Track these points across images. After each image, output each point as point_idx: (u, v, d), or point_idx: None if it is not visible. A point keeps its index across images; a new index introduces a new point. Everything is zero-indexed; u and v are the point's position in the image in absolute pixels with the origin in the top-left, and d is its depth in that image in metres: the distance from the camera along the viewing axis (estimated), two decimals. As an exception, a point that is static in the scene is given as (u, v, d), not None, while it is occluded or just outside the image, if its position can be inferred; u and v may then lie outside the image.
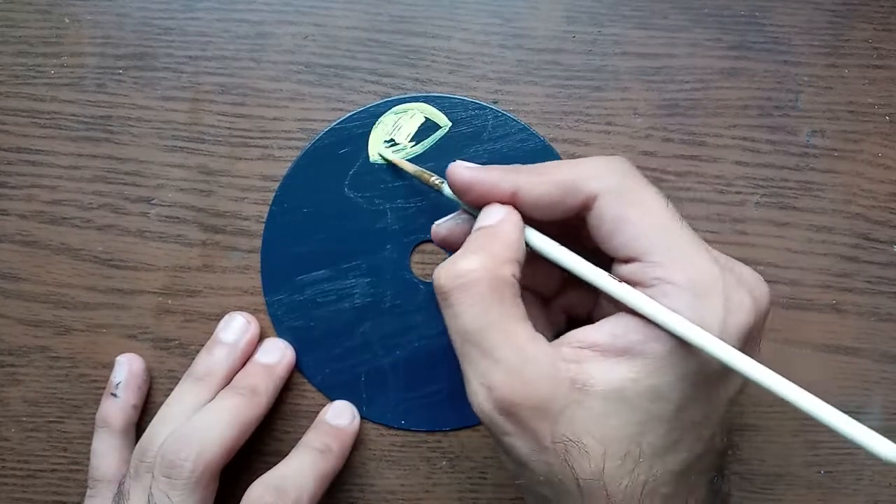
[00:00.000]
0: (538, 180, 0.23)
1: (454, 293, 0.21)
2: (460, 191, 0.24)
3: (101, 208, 0.31)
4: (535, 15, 0.32)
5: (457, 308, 0.21)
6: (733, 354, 0.19)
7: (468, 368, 0.21)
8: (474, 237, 0.22)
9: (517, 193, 0.23)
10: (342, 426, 0.30)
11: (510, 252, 0.22)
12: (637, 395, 0.20)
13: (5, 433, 0.31)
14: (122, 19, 0.32)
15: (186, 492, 0.25)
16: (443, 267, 0.22)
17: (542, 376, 0.20)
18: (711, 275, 0.21)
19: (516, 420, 0.20)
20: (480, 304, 0.21)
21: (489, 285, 0.21)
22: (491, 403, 0.20)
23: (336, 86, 0.32)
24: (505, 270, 0.21)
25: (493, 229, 0.22)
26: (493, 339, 0.20)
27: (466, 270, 0.21)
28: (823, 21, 0.32)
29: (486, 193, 0.23)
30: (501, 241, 0.22)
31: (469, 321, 0.21)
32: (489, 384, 0.20)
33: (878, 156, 0.32)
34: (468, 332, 0.21)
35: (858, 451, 0.31)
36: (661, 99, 0.32)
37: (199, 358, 0.30)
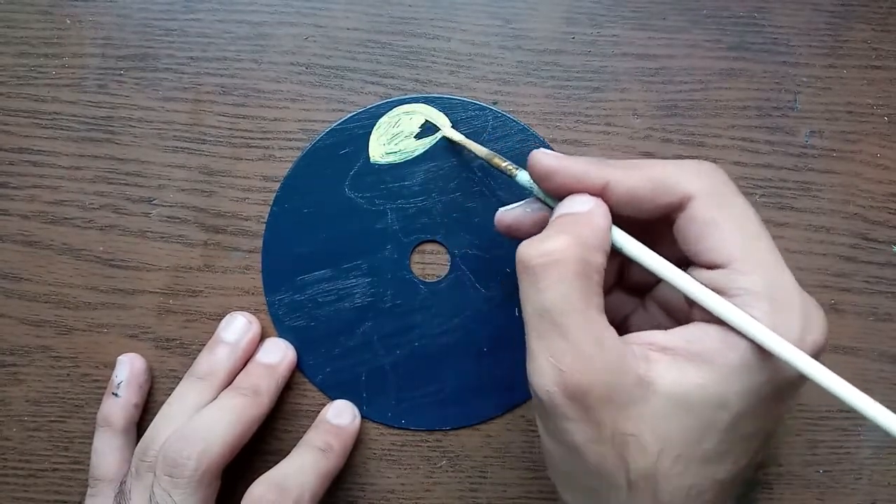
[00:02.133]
0: (630, 174, 0.22)
1: (542, 269, 0.20)
2: (543, 176, 0.23)
3: (103, 208, 0.31)
4: (535, 16, 0.32)
5: (541, 284, 0.20)
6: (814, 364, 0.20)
7: (539, 345, 0.21)
8: (562, 221, 0.22)
9: (607, 186, 0.22)
10: (343, 425, 0.30)
11: (599, 240, 0.21)
12: (701, 402, 0.20)
13: (7, 432, 0.31)
14: (124, 20, 0.32)
15: (188, 491, 0.25)
16: (528, 242, 0.21)
17: (614, 367, 0.20)
18: (794, 291, 0.21)
19: (581, 406, 0.20)
20: (567, 283, 0.20)
21: (578, 267, 0.20)
22: (559, 385, 0.20)
23: (337, 87, 0.32)
24: (594, 256, 0.21)
25: (583, 216, 0.22)
26: (573, 322, 0.20)
27: (556, 248, 0.21)
28: (822, 22, 0.33)
29: (574, 182, 0.22)
30: (591, 227, 0.21)
31: (551, 299, 0.20)
32: (561, 365, 0.20)
33: (876, 156, 0.32)
34: (549, 309, 0.20)
35: (858, 451, 0.32)
36: (661, 100, 0.32)
37: (200, 357, 0.30)
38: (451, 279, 0.31)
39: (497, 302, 0.31)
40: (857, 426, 0.32)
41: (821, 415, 0.32)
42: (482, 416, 0.31)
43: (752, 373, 0.20)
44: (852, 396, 0.19)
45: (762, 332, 0.20)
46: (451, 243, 0.31)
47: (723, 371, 0.20)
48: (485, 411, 0.31)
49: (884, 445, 0.32)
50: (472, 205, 0.31)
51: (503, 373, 0.31)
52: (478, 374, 0.31)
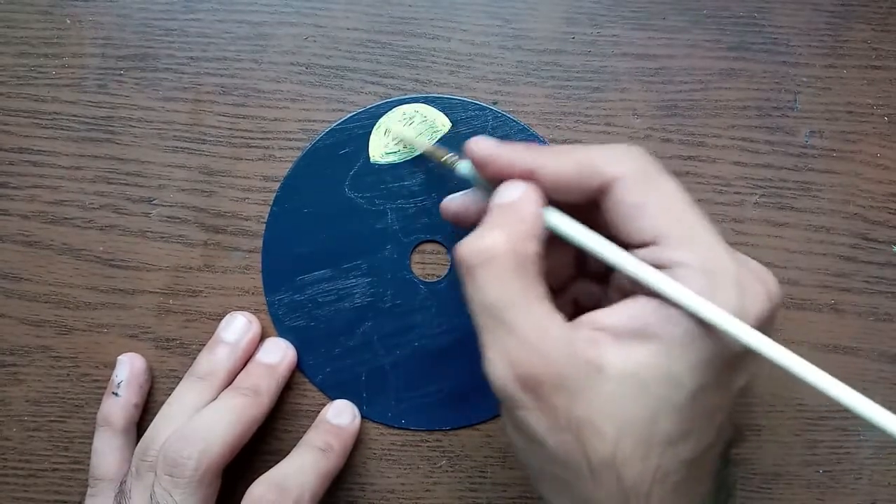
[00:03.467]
0: (558, 159, 0.23)
1: (478, 267, 0.21)
2: (480, 164, 0.24)
3: (103, 208, 0.32)
4: (535, 16, 0.32)
5: (480, 282, 0.21)
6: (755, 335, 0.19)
7: (488, 339, 0.21)
8: (495, 213, 0.22)
9: (536, 171, 0.23)
10: (343, 425, 0.30)
11: (532, 228, 0.22)
12: (653, 379, 0.20)
13: (7, 433, 0.31)
14: (124, 20, 0.32)
15: (189, 490, 0.25)
16: (465, 241, 0.21)
17: (562, 354, 0.20)
18: (727, 262, 0.21)
19: (535, 395, 0.20)
20: (504, 278, 0.21)
21: (513, 260, 0.21)
22: (511, 376, 0.20)
23: (337, 87, 0.32)
24: (528, 247, 0.21)
25: (514, 205, 0.22)
26: (515, 314, 0.20)
27: (490, 245, 0.21)
28: (822, 22, 0.33)
29: (506, 168, 0.23)
30: (522, 217, 0.22)
31: (492, 295, 0.21)
32: (510, 357, 0.20)
33: (876, 156, 0.32)
34: (490, 305, 0.21)
35: (858, 451, 0.32)
36: (660, 100, 0.32)
37: (200, 357, 0.30)
38: (451, 279, 0.31)
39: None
40: (856, 426, 0.32)
41: (820, 415, 0.32)
42: (482, 416, 0.31)
43: (700, 346, 0.20)
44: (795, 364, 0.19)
45: (696, 301, 0.20)
46: (451, 243, 0.31)
47: (669, 346, 0.20)
48: (485, 411, 0.31)
49: (884, 445, 0.32)
50: (472, 205, 0.31)
51: (503, 373, 0.31)
52: (478, 374, 0.31)
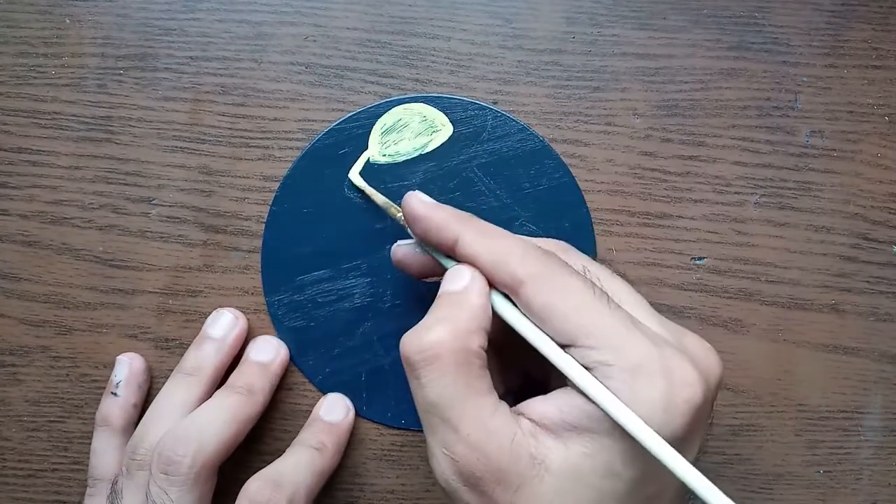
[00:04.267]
0: (477, 241, 0.23)
1: (420, 365, 0.21)
2: (409, 220, 0.24)
3: (102, 208, 0.31)
4: (535, 16, 0.32)
5: (423, 380, 0.21)
6: (660, 446, 0.19)
7: (432, 439, 0.21)
8: (440, 303, 0.22)
9: (456, 244, 0.23)
10: (336, 421, 0.30)
11: (477, 321, 0.22)
12: (591, 472, 0.20)
13: (6, 433, 0.31)
14: (123, 20, 0.32)
15: (185, 489, 0.25)
16: (409, 337, 0.22)
17: (504, 450, 0.20)
18: (647, 352, 0.20)
19: (479, 491, 0.21)
20: (446, 377, 0.21)
21: (455, 358, 0.21)
22: (454, 474, 0.21)
23: (336, 86, 0.32)
24: (472, 342, 0.21)
25: (459, 297, 0.22)
26: (457, 413, 0.21)
27: (433, 343, 0.21)
28: (822, 22, 0.32)
29: (431, 232, 0.24)
30: (467, 309, 0.22)
31: (434, 394, 0.21)
32: (453, 455, 0.21)
33: (877, 156, 0.32)
34: (433, 404, 0.21)
35: (858, 451, 0.32)
36: (661, 99, 0.32)
37: (187, 354, 0.30)
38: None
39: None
40: (857, 427, 0.31)
41: (821, 415, 0.32)
42: (482, 417, 0.31)
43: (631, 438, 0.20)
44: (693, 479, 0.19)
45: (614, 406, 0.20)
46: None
47: (603, 440, 0.20)
48: (485, 411, 0.31)
49: (884, 446, 0.32)
50: (472, 205, 0.31)
51: (503, 373, 0.31)
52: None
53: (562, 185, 0.31)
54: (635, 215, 0.32)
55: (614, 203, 0.32)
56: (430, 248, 0.25)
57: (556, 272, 0.22)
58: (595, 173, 0.32)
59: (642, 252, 0.32)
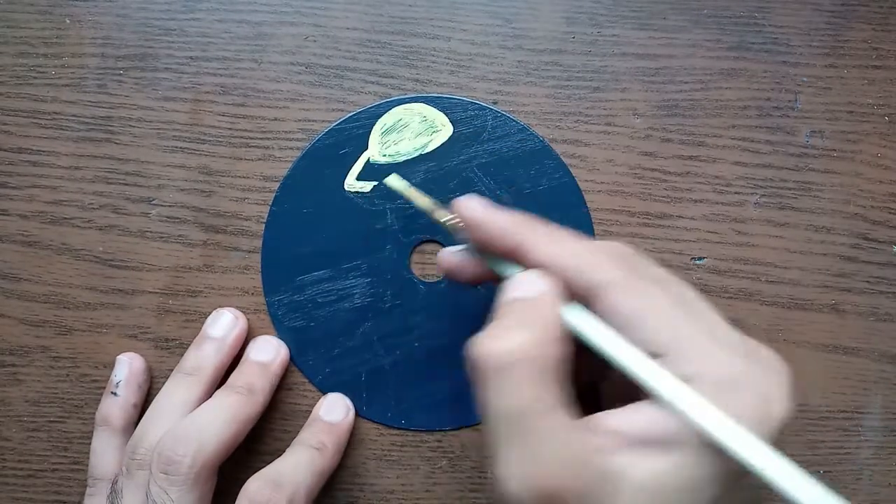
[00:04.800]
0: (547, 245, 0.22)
1: (496, 373, 0.20)
2: (467, 225, 0.23)
3: (102, 208, 0.31)
4: (535, 16, 0.32)
5: (500, 388, 0.20)
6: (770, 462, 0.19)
7: (503, 451, 0.20)
8: (514, 308, 0.21)
9: (519, 248, 0.22)
10: (336, 421, 0.30)
11: (556, 329, 0.21)
12: (673, 489, 0.19)
13: (6, 433, 0.31)
14: (123, 20, 0.32)
15: (185, 489, 0.25)
16: (483, 342, 0.20)
17: (583, 467, 0.19)
18: (736, 365, 0.20)
19: None
20: (524, 387, 0.19)
21: (536, 367, 0.20)
22: (529, 490, 0.19)
23: (336, 86, 0.32)
24: (554, 349, 0.20)
25: (535, 304, 0.21)
26: (534, 426, 0.19)
27: (513, 348, 0.20)
28: (822, 22, 0.32)
29: (493, 237, 0.23)
30: (546, 316, 0.21)
31: (511, 405, 0.19)
32: (529, 470, 0.19)
33: (877, 156, 0.32)
34: (509, 415, 0.20)
35: (859, 451, 0.32)
36: (661, 99, 0.32)
37: (187, 353, 0.30)
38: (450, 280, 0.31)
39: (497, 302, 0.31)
40: (857, 427, 0.31)
41: (821, 415, 0.32)
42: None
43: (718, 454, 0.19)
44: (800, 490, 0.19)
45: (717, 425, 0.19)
46: (451, 243, 0.31)
47: (690, 454, 0.19)
48: (485, 412, 0.31)
49: (884, 446, 0.32)
50: (472, 205, 0.31)
51: (503, 373, 0.31)
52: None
53: (562, 185, 0.31)
54: (635, 215, 0.32)
55: (614, 203, 0.32)
56: (485, 255, 0.24)
57: (639, 277, 0.21)
58: (595, 173, 0.32)
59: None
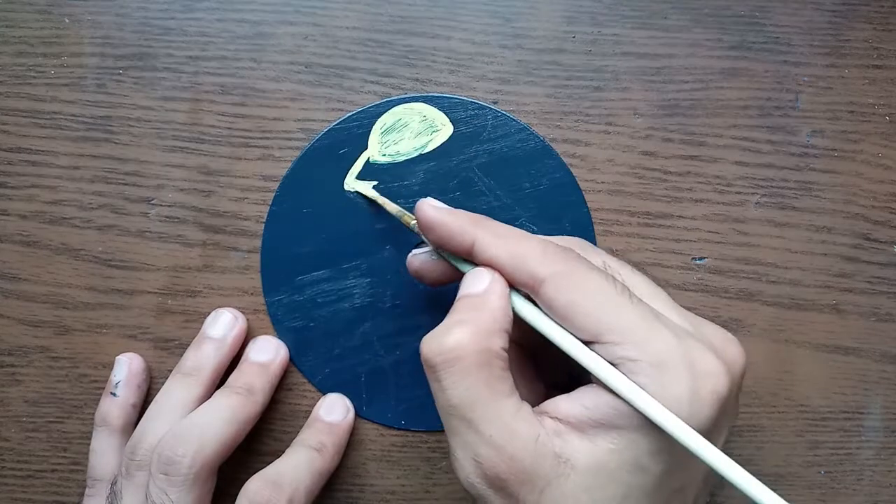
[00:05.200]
0: (494, 242, 0.23)
1: (441, 367, 0.21)
2: (424, 228, 0.24)
3: (102, 208, 0.31)
4: (535, 15, 0.32)
5: (444, 383, 0.21)
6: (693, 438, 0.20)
7: (455, 441, 0.21)
8: (461, 306, 0.22)
9: (473, 247, 0.23)
10: (336, 422, 0.30)
11: (497, 323, 0.22)
12: (618, 468, 0.20)
13: (5, 433, 0.31)
14: (122, 20, 0.32)
15: (184, 489, 0.25)
16: (430, 339, 0.21)
17: (529, 451, 0.20)
18: (671, 346, 0.20)
19: (505, 493, 0.20)
20: (468, 379, 0.21)
21: (477, 360, 0.21)
22: (479, 477, 0.21)
23: (336, 86, 0.32)
24: (493, 343, 0.21)
25: (480, 299, 0.22)
26: (480, 415, 0.21)
27: (454, 345, 0.21)
28: (823, 21, 0.32)
29: (447, 237, 0.23)
30: (488, 311, 0.22)
31: (456, 396, 0.21)
32: (477, 458, 0.21)
33: (878, 156, 0.32)
34: (455, 406, 0.21)
35: (859, 452, 0.32)
36: (661, 99, 0.32)
37: (187, 354, 0.30)
38: (450, 279, 0.31)
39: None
40: (858, 427, 0.31)
41: (822, 416, 0.31)
42: (482, 417, 0.31)
43: (659, 432, 0.20)
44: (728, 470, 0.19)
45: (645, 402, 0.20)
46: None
47: (630, 435, 0.20)
48: (485, 412, 0.31)
49: (885, 446, 0.31)
50: (472, 205, 0.31)
51: (503, 373, 0.31)
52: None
53: (562, 185, 0.31)
54: (635, 215, 0.32)
55: (614, 203, 0.32)
56: (446, 254, 0.25)
57: (576, 269, 0.22)
58: (595, 173, 0.32)
59: (643, 252, 0.31)
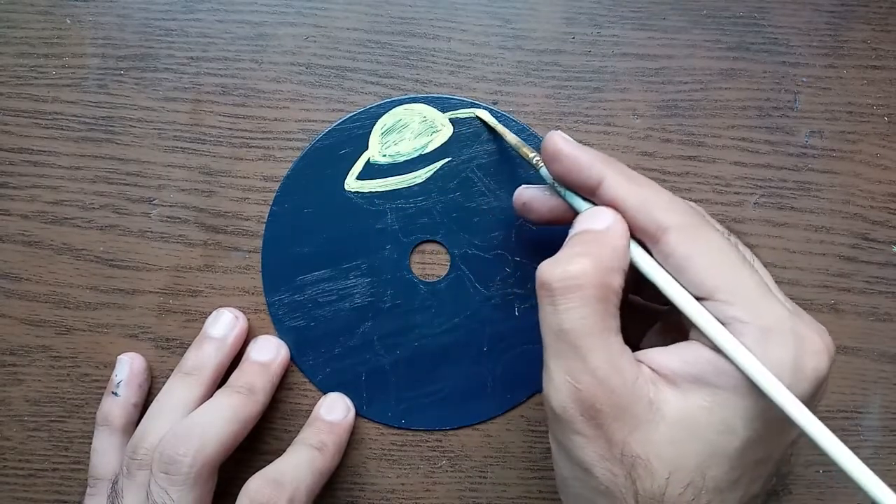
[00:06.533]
0: (624, 185, 0.23)
1: (562, 292, 0.21)
2: (550, 157, 0.24)
3: (103, 209, 0.32)
4: (535, 16, 0.32)
5: (561, 306, 0.21)
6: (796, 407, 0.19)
7: (556, 363, 0.21)
8: (583, 239, 0.22)
9: (600, 185, 0.23)
10: (336, 421, 0.30)
11: (618, 261, 0.22)
12: (707, 426, 0.20)
13: (7, 432, 0.31)
14: (124, 20, 0.32)
15: (185, 488, 0.25)
16: (550, 264, 0.21)
17: (627, 390, 0.20)
18: (782, 316, 0.20)
19: (595, 423, 0.20)
20: (586, 308, 0.21)
21: (596, 292, 0.21)
22: (574, 401, 0.21)
23: (336, 87, 0.32)
24: (613, 279, 0.21)
25: (603, 235, 0.22)
26: (590, 344, 0.21)
27: (578, 272, 0.21)
28: (822, 22, 0.33)
29: (575, 170, 0.23)
30: (610, 248, 0.22)
31: (571, 321, 0.21)
32: (577, 383, 0.21)
33: (876, 156, 0.32)
34: (568, 331, 0.21)
35: (858, 451, 0.31)
36: (660, 100, 0.32)
37: (188, 353, 0.30)
38: (451, 279, 0.31)
39: (497, 302, 0.31)
40: (856, 426, 0.32)
41: (821, 415, 0.31)
42: (482, 416, 0.31)
43: (755, 397, 0.20)
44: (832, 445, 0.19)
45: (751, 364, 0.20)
46: (451, 243, 0.31)
47: (726, 395, 0.20)
48: (485, 411, 0.31)
49: (883, 445, 0.32)
50: (472, 205, 0.31)
51: (503, 373, 0.31)
52: (478, 374, 0.31)
53: (562, 185, 0.31)
54: (635, 215, 0.32)
55: (614, 203, 0.32)
56: (564, 190, 0.25)
57: (701, 225, 0.22)
58: (595, 173, 0.32)
59: (642, 252, 0.32)
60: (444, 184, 0.31)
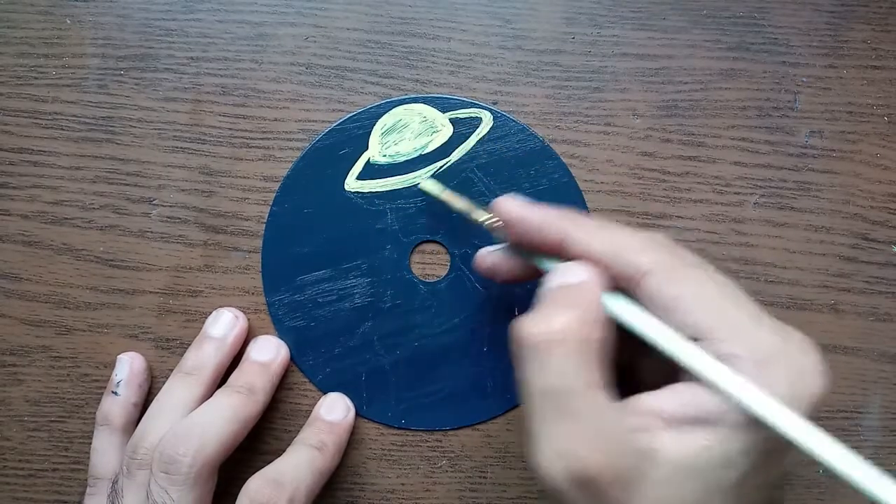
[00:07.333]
0: (588, 235, 0.22)
1: (544, 347, 0.20)
2: (507, 224, 0.24)
3: (103, 209, 0.32)
4: (535, 16, 0.32)
5: (544, 363, 0.20)
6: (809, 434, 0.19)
7: (542, 428, 0.20)
8: (559, 294, 0.22)
9: (563, 241, 0.23)
10: (336, 421, 0.30)
11: (596, 314, 0.21)
12: (707, 464, 0.20)
13: (7, 433, 0.31)
14: (124, 20, 0.32)
15: (185, 488, 0.25)
16: (533, 320, 0.21)
17: (619, 448, 0.20)
18: (775, 345, 0.20)
19: (591, 493, 0.20)
20: (569, 363, 0.20)
21: (579, 346, 0.20)
22: (566, 472, 0.20)
23: (336, 87, 0.32)
24: (593, 332, 0.21)
25: (578, 288, 0.22)
26: (577, 404, 0.20)
27: (561, 327, 0.20)
28: (822, 22, 0.33)
29: (534, 233, 0.23)
30: (588, 300, 0.21)
31: (555, 379, 0.20)
32: (567, 451, 0.20)
33: (876, 156, 0.32)
34: (551, 390, 0.20)
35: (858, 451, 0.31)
36: (660, 100, 0.32)
37: (188, 353, 0.30)
38: (450, 279, 0.31)
39: (497, 302, 0.31)
40: (856, 427, 0.32)
41: (820, 415, 0.32)
42: (482, 416, 0.31)
43: (752, 430, 0.20)
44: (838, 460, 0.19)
45: (757, 400, 0.19)
46: (451, 243, 0.31)
47: (726, 431, 0.20)
48: (485, 411, 0.31)
49: (883, 445, 0.32)
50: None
51: (503, 372, 0.31)
52: (478, 374, 0.31)
53: (562, 185, 0.31)
54: (635, 215, 0.32)
55: (614, 203, 0.32)
56: (525, 252, 0.25)
57: (680, 262, 0.21)
58: (595, 173, 0.32)
59: (642, 252, 0.32)
60: (444, 184, 0.31)
